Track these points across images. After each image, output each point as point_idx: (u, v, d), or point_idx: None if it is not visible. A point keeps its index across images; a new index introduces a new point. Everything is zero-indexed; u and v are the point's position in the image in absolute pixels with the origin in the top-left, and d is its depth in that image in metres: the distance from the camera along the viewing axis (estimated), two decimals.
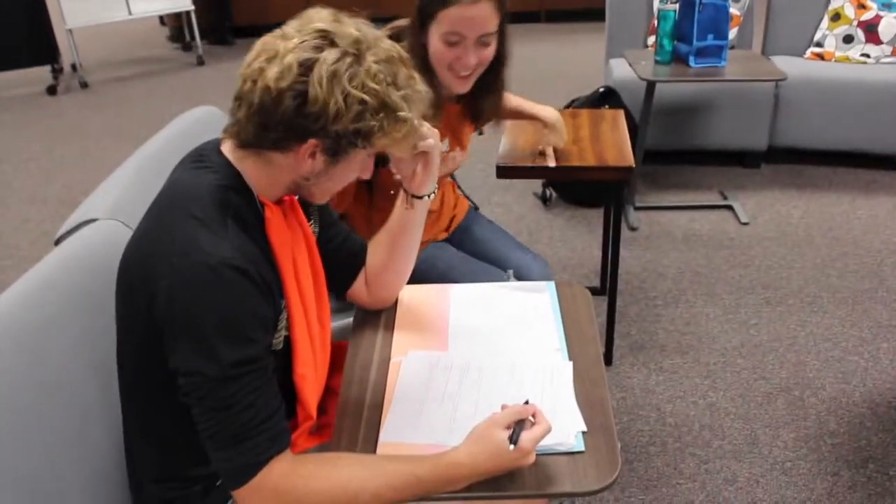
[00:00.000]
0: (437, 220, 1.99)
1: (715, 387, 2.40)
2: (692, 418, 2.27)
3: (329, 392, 1.41)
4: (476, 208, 2.17)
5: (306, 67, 1.02)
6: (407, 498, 1.07)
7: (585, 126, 2.48)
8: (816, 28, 3.86)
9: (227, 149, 1.13)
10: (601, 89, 3.43)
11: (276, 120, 1.04)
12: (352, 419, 1.25)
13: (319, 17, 1.08)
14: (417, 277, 1.55)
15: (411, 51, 1.63)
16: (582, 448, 1.17)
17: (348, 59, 1.04)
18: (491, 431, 1.08)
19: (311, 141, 1.06)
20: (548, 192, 3.66)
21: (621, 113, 2.57)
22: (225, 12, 6.79)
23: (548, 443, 1.16)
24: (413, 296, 1.56)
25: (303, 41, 1.04)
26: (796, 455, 2.13)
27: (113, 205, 1.44)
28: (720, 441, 2.18)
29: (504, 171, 2.23)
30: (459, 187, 2.15)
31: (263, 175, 1.12)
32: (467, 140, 1.92)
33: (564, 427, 1.20)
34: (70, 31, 5.51)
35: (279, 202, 1.18)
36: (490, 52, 1.66)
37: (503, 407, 1.14)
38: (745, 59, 3.33)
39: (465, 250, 1.99)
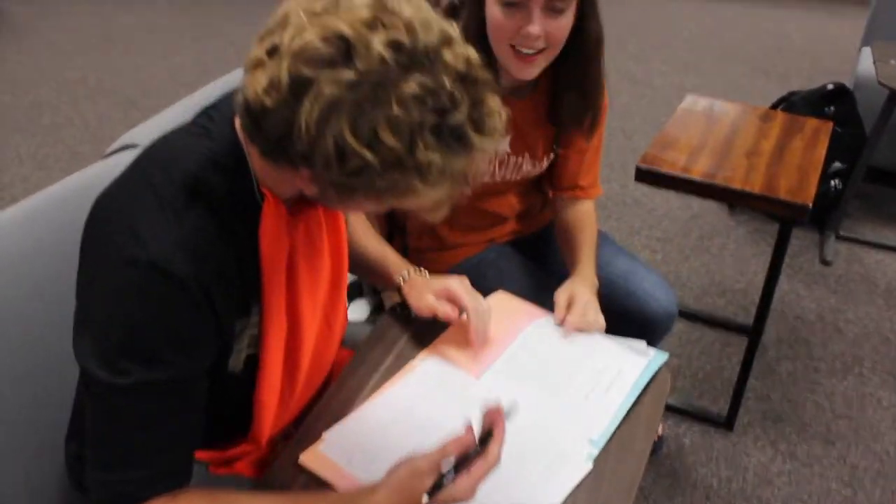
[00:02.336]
0: (503, 225, 1.61)
1: (854, 501, 1.87)
2: None
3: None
4: None
5: (299, 89, 0.73)
6: None
7: (773, 136, 1.95)
8: None
9: (238, 122, 0.87)
10: (829, 86, 2.78)
11: (266, 130, 0.78)
12: (309, 427, 1.07)
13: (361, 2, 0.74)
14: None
15: (467, 26, 1.26)
16: None
17: (361, 92, 0.72)
18: (412, 480, 0.88)
19: (304, 171, 0.80)
20: None
21: (829, 126, 2.00)
22: None
23: None
24: (498, 303, 1.30)
25: (309, 42, 0.73)
26: None
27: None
28: None
29: (643, 175, 1.80)
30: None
31: (267, 169, 0.87)
32: (543, 148, 1.48)
33: None
34: None
35: (291, 202, 0.93)
36: (563, 25, 1.24)
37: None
38: None
39: (546, 257, 1.61)
